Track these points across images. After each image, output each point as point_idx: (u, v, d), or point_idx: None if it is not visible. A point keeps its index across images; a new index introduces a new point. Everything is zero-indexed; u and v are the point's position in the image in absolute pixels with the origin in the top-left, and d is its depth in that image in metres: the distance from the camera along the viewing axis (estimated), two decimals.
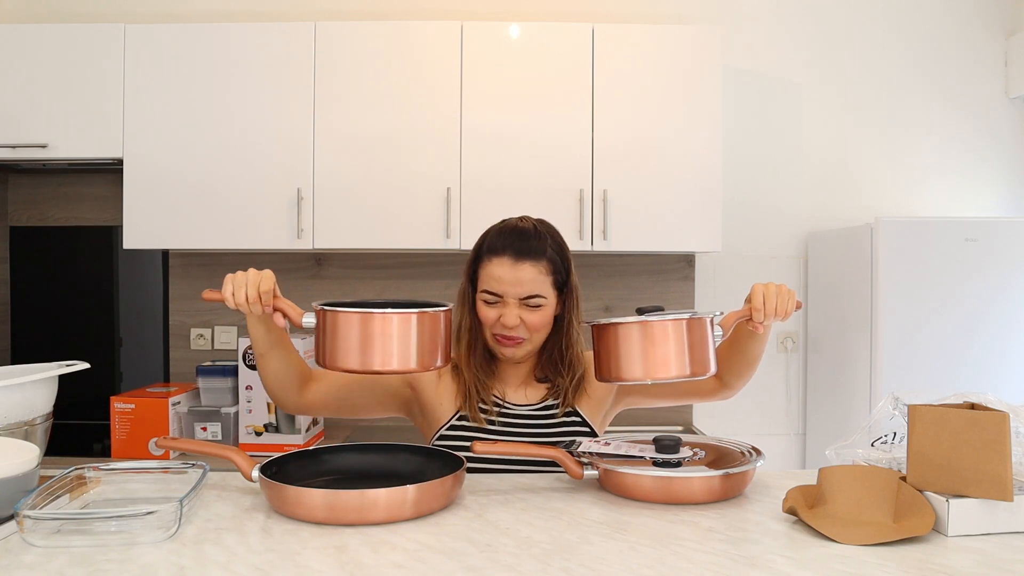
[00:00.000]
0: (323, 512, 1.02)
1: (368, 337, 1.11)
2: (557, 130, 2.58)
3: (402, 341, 1.12)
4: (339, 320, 1.13)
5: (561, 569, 0.88)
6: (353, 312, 1.12)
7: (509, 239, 1.40)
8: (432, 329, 1.15)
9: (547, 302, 1.40)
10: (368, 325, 1.12)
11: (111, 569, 0.87)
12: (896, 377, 2.42)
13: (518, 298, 1.38)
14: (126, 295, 3.00)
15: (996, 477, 0.97)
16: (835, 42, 3.00)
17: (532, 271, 1.38)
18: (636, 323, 1.15)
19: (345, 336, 1.12)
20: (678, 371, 1.14)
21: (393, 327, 1.12)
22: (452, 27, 2.58)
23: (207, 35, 2.59)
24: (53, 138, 2.57)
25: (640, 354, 1.15)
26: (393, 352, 1.11)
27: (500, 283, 1.38)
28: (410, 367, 1.13)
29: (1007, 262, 2.45)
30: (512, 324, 1.38)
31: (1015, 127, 3.04)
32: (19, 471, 1.00)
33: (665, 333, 1.15)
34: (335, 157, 2.58)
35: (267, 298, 1.22)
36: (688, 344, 1.15)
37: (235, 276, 1.22)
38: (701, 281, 2.99)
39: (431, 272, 2.95)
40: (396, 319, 1.12)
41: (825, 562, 0.90)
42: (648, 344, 1.14)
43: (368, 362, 1.12)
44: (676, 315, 1.16)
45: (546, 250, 1.40)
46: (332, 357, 1.13)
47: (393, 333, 1.12)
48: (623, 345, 1.15)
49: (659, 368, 1.14)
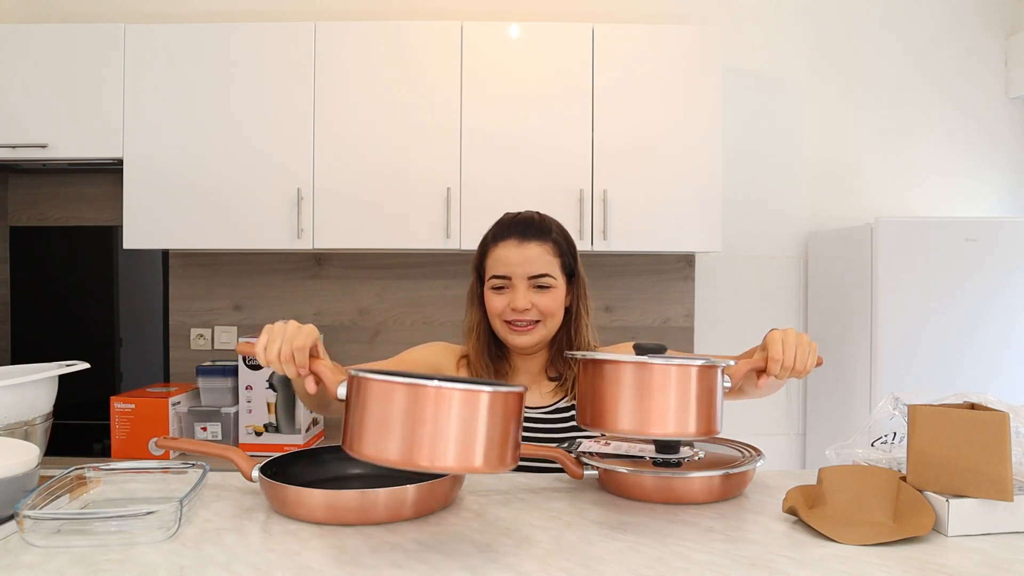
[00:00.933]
0: (323, 512, 1.02)
1: (417, 418, 0.83)
2: (557, 130, 2.58)
3: (466, 427, 0.83)
4: (372, 391, 0.85)
5: (561, 569, 0.88)
6: (396, 382, 0.84)
7: (513, 225, 1.43)
8: (506, 415, 0.87)
9: (556, 284, 1.40)
10: (418, 401, 0.83)
11: (111, 569, 0.87)
12: (896, 377, 2.42)
13: (527, 277, 1.38)
14: (126, 295, 3.00)
15: (996, 477, 0.97)
16: (835, 42, 3.00)
17: (538, 250, 1.39)
18: (632, 364, 0.97)
19: (382, 415, 0.84)
20: (677, 428, 0.97)
21: (453, 407, 0.83)
22: (452, 27, 2.58)
23: (207, 35, 2.59)
24: (53, 138, 2.58)
25: (633, 402, 0.97)
26: (450, 441, 0.83)
27: (507, 264, 1.38)
28: (473, 465, 0.84)
29: (1007, 262, 2.45)
30: (523, 306, 1.37)
31: (1015, 127, 3.04)
32: (19, 471, 1.00)
33: (667, 380, 0.96)
34: (335, 157, 2.58)
35: (301, 357, 1.03)
36: (695, 396, 0.97)
37: (273, 327, 1.05)
38: (701, 281, 2.99)
39: (431, 272, 2.95)
40: (458, 395, 0.83)
41: (825, 562, 0.90)
42: (644, 391, 0.96)
43: (412, 455, 0.83)
44: (682, 360, 0.97)
45: (551, 232, 1.42)
46: (360, 441, 0.86)
47: (452, 415, 0.83)
48: (613, 388, 0.97)
49: (654, 422, 0.97)
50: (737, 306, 3.00)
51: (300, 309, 2.95)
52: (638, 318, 2.97)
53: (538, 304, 1.38)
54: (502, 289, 1.40)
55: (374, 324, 2.96)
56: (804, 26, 2.99)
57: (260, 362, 1.03)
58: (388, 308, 2.96)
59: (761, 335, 1.34)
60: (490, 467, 0.85)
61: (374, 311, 2.96)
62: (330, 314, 2.95)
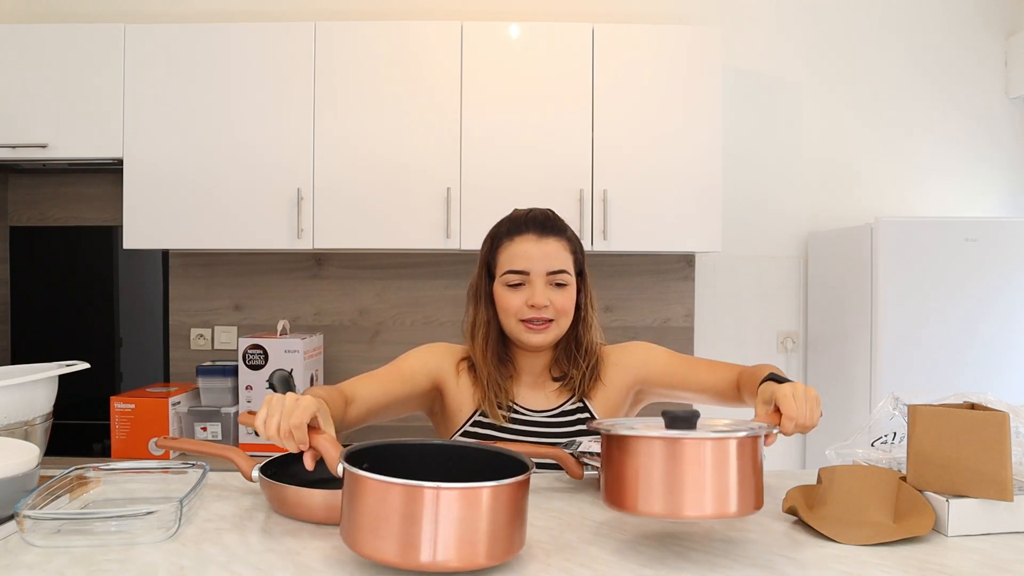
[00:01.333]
0: (323, 512, 1.02)
1: (414, 519, 0.78)
2: (557, 130, 2.58)
3: (468, 526, 0.79)
4: (368, 490, 0.80)
5: (561, 569, 0.88)
6: (387, 483, 0.79)
7: (529, 221, 1.40)
8: (513, 503, 0.83)
9: (571, 282, 1.38)
10: (412, 501, 0.79)
11: (111, 569, 0.87)
12: (896, 377, 2.42)
13: (546, 272, 1.35)
14: (126, 295, 3.00)
15: (996, 477, 0.97)
16: (835, 42, 3.00)
17: (558, 245, 1.37)
18: (660, 439, 0.87)
19: (379, 514, 0.80)
20: (716, 509, 0.86)
21: (454, 507, 0.79)
22: (452, 27, 2.58)
23: (207, 35, 2.59)
24: (53, 138, 2.57)
25: (663, 483, 0.86)
26: (451, 542, 0.79)
27: (527, 258, 1.36)
28: (477, 562, 0.81)
29: (1007, 262, 2.45)
30: (543, 302, 1.34)
31: (1015, 127, 3.04)
32: (19, 471, 1.00)
33: (701, 457, 0.86)
34: (335, 157, 2.58)
35: (300, 434, 0.98)
36: (735, 472, 0.86)
37: (272, 401, 1.00)
38: (701, 281, 2.99)
39: (431, 272, 2.95)
40: (455, 495, 0.79)
41: (825, 562, 0.90)
42: (676, 469, 0.85)
43: (412, 558, 0.79)
44: (720, 433, 0.87)
45: (566, 229, 1.41)
46: (359, 542, 0.81)
47: (454, 515, 0.79)
48: (641, 466, 0.87)
49: (688, 504, 0.85)
50: (737, 306, 3.00)
51: (300, 309, 2.95)
52: (638, 318, 2.97)
53: (555, 301, 1.36)
54: (518, 286, 1.36)
55: (374, 324, 2.96)
56: (804, 26, 2.99)
57: (262, 436, 0.99)
58: (388, 308, 2.96)
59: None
60: (496, 559, 0.82)
61: (374, 311, 2.96)
62: (330, 314, 2.95)
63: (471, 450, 0.97)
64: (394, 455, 0.94)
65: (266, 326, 2.93)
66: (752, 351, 2.98)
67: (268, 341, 2.52)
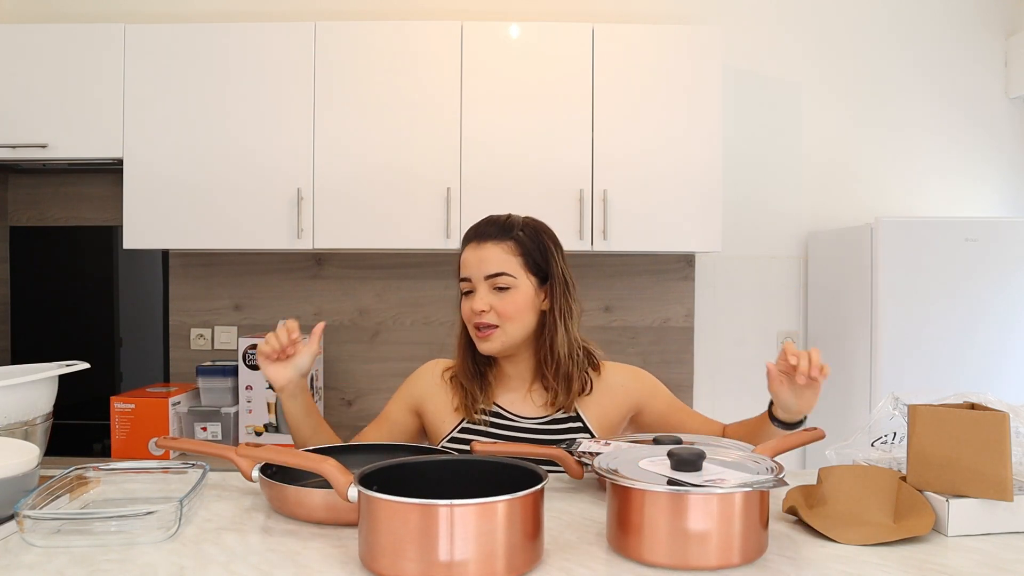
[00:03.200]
0: (323, 512, 1.02)
1: (431, 537, 0.80)
2: (557, 130, 2.58)
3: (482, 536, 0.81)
4: (383, 512, 0.82)
5: (561, 569, 0.88)
6: (402, 503, 0.80)
7: (475, 228, 1.42)
8: (525, 516, 0.84)
9: (516, 284, 1.35)
10: (428, 519, 0.80)
11: (111, 569, 0.87)
12: (896, 377, 2.42)
13: (483, 276, 1.35)
14: (126, 295, 3.00)
15: (996, 477, 0.97)
16: (835, 42, 3.00)
17: (495, 250, 1.36)
18: (665, 493, 0.86)
19: (396, 534, 0.81)
20: (721, 561, 0.86)
21: (470, 523, 0.80)
22: (452, 27, 2.58)
23: (207, 35, 2.59)
24: (53, 138, 2.57)
25: (668, 534, 0.86)
26: (470, 558, 0.80)
27: (466, 265, 1.38)
28: None
29: (1007, 262, 2.45)
30: (479, 307, 1.34)
31: (1015, 127, 3.04)
32: (19, 471, 1.00)
33: (709, 511, 0.86)
34: (335, 157, 2.58)
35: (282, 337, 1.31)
36: (740, 523, 0.86)
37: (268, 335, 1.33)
38: (701, 281, 2.99)
39: (431, 272, 2.95)
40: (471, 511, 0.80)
41: (825, 562, 0.90)
42: (680, 522, 0.85)
43: None
44: (724, 489, 0.86)
45: (511, 231, 1.38)
46: (378, 563, 0.83)
47: (471, 531, 0.80)
48: (645, 516, 0.87)
49: (692, 555, 0.86)
50: (737, 306, 3.00)
51: (300, 309, 2.95)
52: (638, 318, 2.97)
53: (496, 306, 1.34)
54: (469, 293, 1.38)
55: (374, 324, 2.96)
56: (804, 26, 2.99)
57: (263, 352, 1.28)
58: (388, 308, 2.96)
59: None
60: (516, 571, 0.83)
61: (374, 311, 2.96)
62: (330, 314, 2.95)
63: (487, 464, 0.97)
64: (410, 472, 0.95)
65: (266, 326, 2.93)
66: (752, 351, 2.98)
67: None
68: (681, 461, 0.91)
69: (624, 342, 2.94)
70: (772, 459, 0.99)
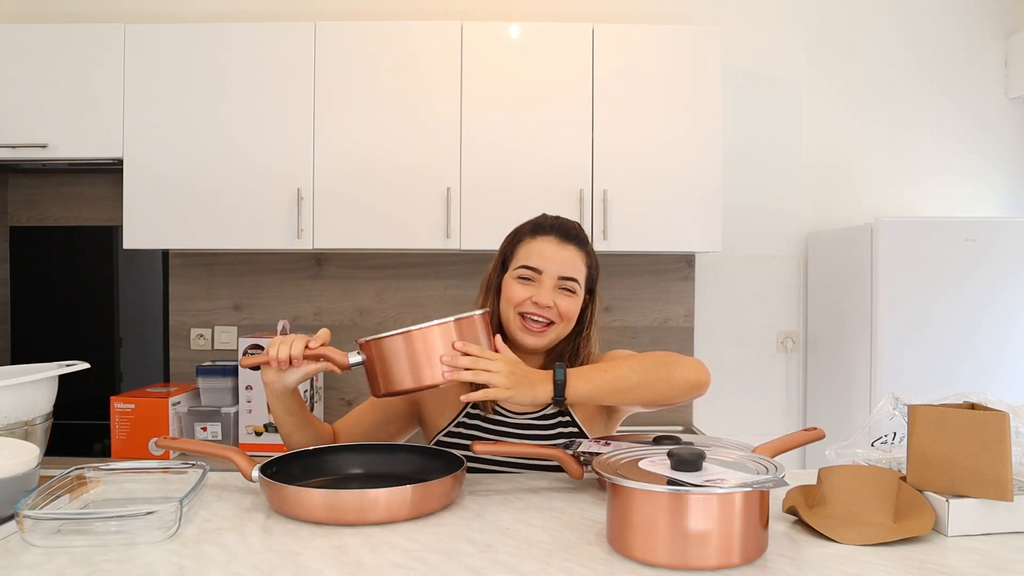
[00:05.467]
0: (323, 512, 1.02)
1: (415, 354, 1.15)
2: (557, 130, 2.58)
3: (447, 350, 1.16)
4: (384, 347, 1.16)
5: (561, 569, 0.88)
6: (393, 336, 1.15)
7: (555, 225, 1.42)
8: (472, 333, 1.19)
9: (579, 292, 1.39)
10: (411, 343, 1.15)
11: (111, 569, 0.87)
12: (896, 377, 2.42)
13: (557, 276, 1.36)
14: (126, 295, 3.00)
15: (996, 477, 0.97)
16: (835, 42, 3.00)
17: (575, 253, 1.39)
18: (665, 494, 0.87)
19: (394, 360, 1.16)
20: (721, 561, 0.87)
21: (435, 339, 1.15)
22: (452, 27, 2.58)
23: (207, 35, 2.59)
24: (53, 138, 2.57)
25: (668, 533, 0.87)
26: (438, 363, 1.15)
27: (543, 257, 1.37)
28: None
29: (1007, 262, 2.45)
30: (546, 302, 1.35)
31: (1015, 127, 3.04)
32: (19, 471, 1.00)
33: (709, 511, 0.87)
34: (335, 157, 2.58)
35: (297, 348, 1.23)
36: (740, 523, 0.87)
37: (276, 338, 1.26)
38: (701, 281, 2.99)
39: (431, 272, 2.95)
40: (436, 331, 1.15)
41: (825, 562, 0.90)
42: (680, 522, 0.86)
43: (422, 377, 1.16)
44: (726, 488, 0.86)
45: (587, 243, 1.43)
46: (388, 383, 1.17)
47: (436, 344, 1.15)
48: (646, 517, 0.88)
49: (692, 555, 0.87)
50: (737, 306, 3.00)
51: (300, 309, 2.95)
52: (638, 318, 2.97)
53: (559, 305, 1.36)
54: (528, 281, 1.37)
55: (374, 324, 2.96)
56: (804, 26, 2.99)
57: (272, 364, 1.23)
58: (388, 308, 2.96)
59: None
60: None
61: (374, 311, 2.96)
62: (330, 314, 2.95)
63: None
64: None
65: (266, 326, 2.93)
66: (752, 351, 2.99)
67: (268, 341, 2.51)
68: (681, 461, 0.92)
69: (624, 342, 2.94)
70: (772, 459, 1.00)
